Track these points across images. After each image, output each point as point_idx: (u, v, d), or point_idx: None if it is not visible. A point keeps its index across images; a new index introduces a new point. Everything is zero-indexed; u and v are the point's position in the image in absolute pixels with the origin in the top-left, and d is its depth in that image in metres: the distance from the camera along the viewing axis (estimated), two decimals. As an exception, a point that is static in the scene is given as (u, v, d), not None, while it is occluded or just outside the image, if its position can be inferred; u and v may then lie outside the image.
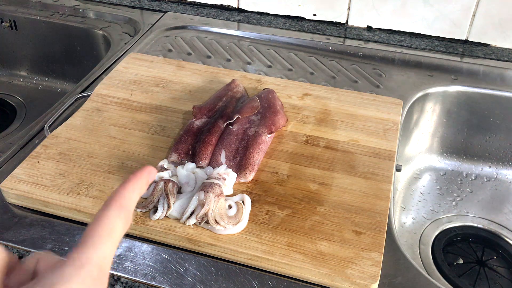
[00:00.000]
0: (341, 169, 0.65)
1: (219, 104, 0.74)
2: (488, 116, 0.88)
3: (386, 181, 0.63)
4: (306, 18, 1.05)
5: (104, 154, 0.67)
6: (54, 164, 0.65)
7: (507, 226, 0.85)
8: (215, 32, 1.02)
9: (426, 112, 0.89)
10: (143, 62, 0.86)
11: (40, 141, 0.70)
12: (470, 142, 0.91)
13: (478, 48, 0.96)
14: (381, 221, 0.58)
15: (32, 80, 1.18)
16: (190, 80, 0.82)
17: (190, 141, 0.67)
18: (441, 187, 0.91)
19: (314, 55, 0.95)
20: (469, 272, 0.79)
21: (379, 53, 0.94)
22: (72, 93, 0.84)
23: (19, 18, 1.10)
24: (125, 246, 0.58)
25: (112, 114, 0.74)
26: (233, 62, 0.92)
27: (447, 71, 0.90)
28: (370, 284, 0.52)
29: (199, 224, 0.57)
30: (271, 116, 0.71)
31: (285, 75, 0.89)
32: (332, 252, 0.54)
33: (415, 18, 0.98)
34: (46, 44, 1.11)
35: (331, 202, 0.60)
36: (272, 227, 0.57)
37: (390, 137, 0.71)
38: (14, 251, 0.57)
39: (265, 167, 0.65)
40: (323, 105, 0.77)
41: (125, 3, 1.13)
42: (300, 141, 0.70)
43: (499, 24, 0.93)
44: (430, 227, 0.85)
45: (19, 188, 0.62)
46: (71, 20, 1.07)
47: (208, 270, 0.55)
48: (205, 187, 0.57)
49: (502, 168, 0.92)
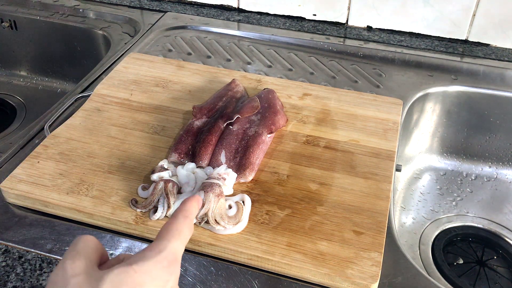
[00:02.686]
0: (341, 169, 0.65)
1: (219, 104, 0.74)
2: (488, 116, 0.88)
3: (386, 181, 0.63)
4: (306, 18, 1.05)
5: (104, 154, 0.67)
6: (54, 164, 0.65)
7: (507, 226, 0.85)
8: (215, 32, 1.02)
9: (426, 112, 0.89)
10: (143, 62, 0.86)
11: (40, 141, 0.70)
12: (470, 142, 0.91)
13: (478, 48, 0.96)
14: (381, 221, 0.58)
15: (32, 80, 1.18)
16: (190, 80, 0.82)
17: (190, 141, 0.67)
18: (441, 187, 0.91)
19: (314, 55, 0.95)
20: (469, 272, 0.79)
21: (379, 53, 0.94)
22: (72, 93, 0.84)
23: (19, 18, 1.10)
24: (125, 246, 0.58)
25: (112, 114, 0.74)
26: (233, 62, 0.92)
27: (447, 71, 0.90)
28: (370, 284, 0.52)
29: (199, 224, 0.57)
30: (271, 116, 0.71)
31: (285, 75, 0.89)
32: (332, 252, 0.54)
33: (415, 18, 0.98)
34: (46, 44, 1.11)
35: (331, 202, 0.60)
36: (272, 227, 0.57)
37: (390, 137, 0.71)
38: (14, 251, 0.57)
39: (265, 167, 0.65)
40: (323, 105, 0.77)
41: (125, 3, 1.13)
42: (300, 141, 0.70)
43: (499, 24, 0.93)
44: (430, 227, 0.85)
45: (19, 188, 0.62)
46: (71, 20, 1.07)
47: (208, 270, 0.55)
48: (205, 187, 0.57)
49: (502, 168, 0.92)
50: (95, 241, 0.37)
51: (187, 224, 0.39)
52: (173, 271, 0.36)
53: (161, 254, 0.35)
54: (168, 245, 0.36)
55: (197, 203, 0.42)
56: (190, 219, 0.40)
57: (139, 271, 0.34)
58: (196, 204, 0.42)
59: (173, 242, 0.37)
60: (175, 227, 0.38)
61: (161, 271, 0.35)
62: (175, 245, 0.37)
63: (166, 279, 0.35)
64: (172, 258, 0.36)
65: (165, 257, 0.35)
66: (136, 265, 0.34)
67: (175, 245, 0.37)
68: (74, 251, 0.36)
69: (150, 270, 0.34)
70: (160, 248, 0.36)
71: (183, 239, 0.38)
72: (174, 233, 0.37)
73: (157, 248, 0.36)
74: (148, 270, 0.34)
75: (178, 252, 0.37)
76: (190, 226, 0.40)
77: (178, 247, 0.37)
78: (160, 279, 0.35)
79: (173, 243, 0.37)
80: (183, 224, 0.39)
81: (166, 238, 0.37)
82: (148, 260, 0.35)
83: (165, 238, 0.37)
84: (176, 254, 0.37)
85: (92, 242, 0.37)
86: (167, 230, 0.38)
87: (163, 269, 0.35)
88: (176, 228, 0.38)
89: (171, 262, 0.36)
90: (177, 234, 0.38)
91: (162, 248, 0.36)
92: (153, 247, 0.36)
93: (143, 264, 0.34)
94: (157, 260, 0.35)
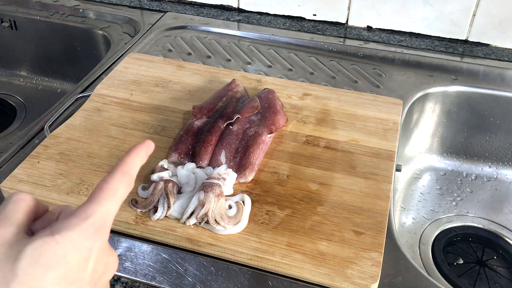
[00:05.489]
0: (341, 169, 0.65)
1: (219, 104, 0.74)
2: (488, 116, 0.88)
3: (386, 181, 0.63)
4: (306, 18, 1.05)
5: (104, 154, 0.67)
6: (54, 164, 0.65)
7: (507, 226, 0.85)
8: (215, 32, 1.02)
9: (426, 112, 0.89)
10: (143, 62, 0.86)
11: (40, 141, 0.70)
12: (470, 142, 0.91)
13: (478, 48, 0.96)
14: (381, 221, 0.58)
15: (32, 80, 1.18)
16: (190, 80, 0.82)
17: (190, 141, 0.67)
18: (441, 187, 0.91)
19: (314, 55, 0.95)
20: (469, 272, 0.79)
21: (379, 53, 0.94)
22: (72, 93, 0.84)
23: (19, 18, 1.10)
24: (125, 246, 0.58)
25: (112, 114, 0.74)
26: (233, 62, 0.92)
27: (447, 71, 0.90)
28: (370, 284, 0.52)
29: (199, 224, 0.57)
30: (271, 116, 0.71)
31: (285, 75, 0.89)
32: (332, 252, 0.54)
33: (415, 18, 0.98)
34: (46, 44, 1.11)
35: (331, 202, 0.60)
36: (272, 227, 0.57)
37: (390, 137, 0.71)
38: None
39: (265, 167, 0.65)
40: (323, 105, 0.77)
41: (125, 3, 1.13)
42: (300, 141, 0.70)
43: (499, 24, 0.93)
44: (430, 227, 0.85)
45: (19, 188, 0.62)
46: (71, 20, 1.08)
47: (208, 270, 0.55)
48: (205, 187, 0.57)
49: (502, 168, 0.92)
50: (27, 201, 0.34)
51: (125, 181, 0.35)
52: (98, 237, 0.33)
53: (87, 220, 0.32)
54: (96, 210, 0.33)
55: (142, 152, 0.38)
56: (130, 174, 0.36)
57: (61, 242, 0.31)
58: (138, 153, 0.37)
59: (104, 204, 0.33)
60: (110, 185, 0.34)
61: (85, 240, 0.32)
62: (106, 208, 0.33)
63: (90, 246, 0.32)
64: (99, 224, 0.33)
65: (92, 224, 0.32)
66: (59, 235, 0.31)
67: (105, 208, 0.33)
68: (1, 216, 0.33)
69: (73, 240, 0.31)
70: (87, 213, 0.33)
71: (117, 199, 0.34)
72: (106, 193, 0.34)
73: (84, 214, 0.32)
74: (71, 240, 0.31)
75: (108, 216, 0.34)
76: (129, 182, 0.36)
77: (109, 209, 0.34)
78: (84, 248, 0.32)
79: (103, 206, 0.33)
80: (120, 181, 0.35)
81: (97, 200, 0.33)
82: (72, 229, 0.32)
83: (95, 200, 0.33)
84: (105, 218, 0.33)
85: (24, 202, 0.34)
86: (100, 189, 0.34)
87: (87, 237, 0.32)
88: (110, 187, 0.34)
89: (98, 228, 0.33)
90: (110, 194, 0.34)
91: (89, 214, 0.33)
92: (80, 212, 0.33)
93: (67, 234, 0.31)
94: (82, 228, 0.32)
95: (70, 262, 0.31)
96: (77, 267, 0.32)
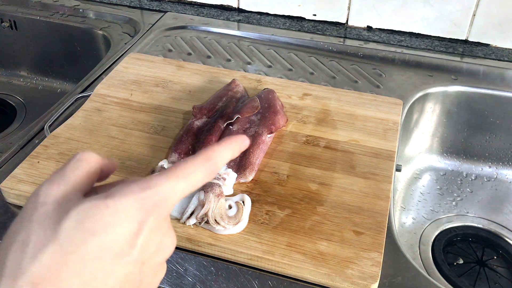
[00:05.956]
0: (341, 169, 0.65)
1: (219, 104, 0.74)
2: (488, 116, 0.88)
3: (386, 181, 0.63)
4: (306, 18, 1.05)
5: (104, 154, 0.66)
6: (54, 164, 0.65)
7: (507, 226, 0.85)
8: (215, 32, 1.02)
9: (426, 112, 0.89)
10: (143, 62, 0.86)
11: (40, 141, 0.70)
12: (470, 142, 0.91)
13: (478, 48, 0.96)
14: (381, 221, 0.58)
15: (32, 80, 1.18)
16: (190, 80, 0.82)
17: (190, 141, 0.67)
18: (441, 187, 0.91)
19: (314, 55, 0.95)
20: (469, 272, 0.79)
21: (379, 53, 0.94)
22: (72, 93, 0.84)
23: (19, 18, 1.10)
24: (125, 246, 0.58)
25: (112, 114, 0.74)
26: (233, 62, 0.92)
27: (447, 71, 0.90)
28: (370, 284, 0.52)
29: (199, 224, 0.57)
30: (271, 116, 0.71)
31: (285, 75, 0.89)
32: (332, 252, 0.54)
33: (415, 18, 0.98)
34: (46, 44, 1.11)
35: (331, 202, 0.60)
36: (272, 227, 0.57)
37: (390, 137, 0.71)
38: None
39: (265, 167, 0.65)
40: (323, 105, 0.77)
41: (125, 3, 1.13)
42: (300, 141, 0.70)
43: (499, 24, 0.93)
44: (430, 227, 0.85)
45: (19, 188, 0.62)
46: (71, 20, 1.08)
47: (208, 270, 0.55)
48: (205, 187, 0.57)
49: (502, 168, 0.92)
50: (90, 161, 0.31)
51: (206, 167, 0.31)
52: (154, 212, 0.28)
53: (147, 191, 0.28)
54: (161, 183, 0.29)
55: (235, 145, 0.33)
56: (214, 162, 0.32)
57: (112, 207, 0.27)
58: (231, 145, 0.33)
59: (173, 181, 0.29)
60: (187, 165, 0.30)
61: (138, 211, 0.28)
62: (173, 185, 0.29)
63: (143, 220, 0.28)
64: (159, 199, 0.28)
65: (151, 196, 0.28)
66: (111, 199, 0.27)
67: (172, 185, 0.29)
68: (60, 173, 0.30)
69: (125, 208, 0.28)
70: (150, 184, 0.29)
71: (190, 181, 0.30)
72: (180, 172, 0.30)
73: (146, 184, 0.29)
74: (123, 208, 0.28)
75: (172, 194, 0.29)
76: (211, 169, 0.31)
77: (176, 188, 0.29)
78: (136, 220, 0.28)
79: (171, 182, 0.29)
80: (200, 164, 0.31)
81: (167, 175, 0.29)
82: (127, 196, 0.28)
83: (165, 174, 0.29)
84: (168, 195, 0.29)
85: (86, 163, 0.31)
86: (175, 167, 0.30)
87: (141, 209, 0.28)
88: (187, 167, 0.30)
89: (156, 203, 0.28)
90: (184, 173, 0.30)
91: (152, 185, 0.29)
92: (143, 182, 0.29)
93: (120, 200, 0.28)
94: (138, 197, 0.28)
95: (118, 232, 0.27)
96: (125, 240, 0.28)
